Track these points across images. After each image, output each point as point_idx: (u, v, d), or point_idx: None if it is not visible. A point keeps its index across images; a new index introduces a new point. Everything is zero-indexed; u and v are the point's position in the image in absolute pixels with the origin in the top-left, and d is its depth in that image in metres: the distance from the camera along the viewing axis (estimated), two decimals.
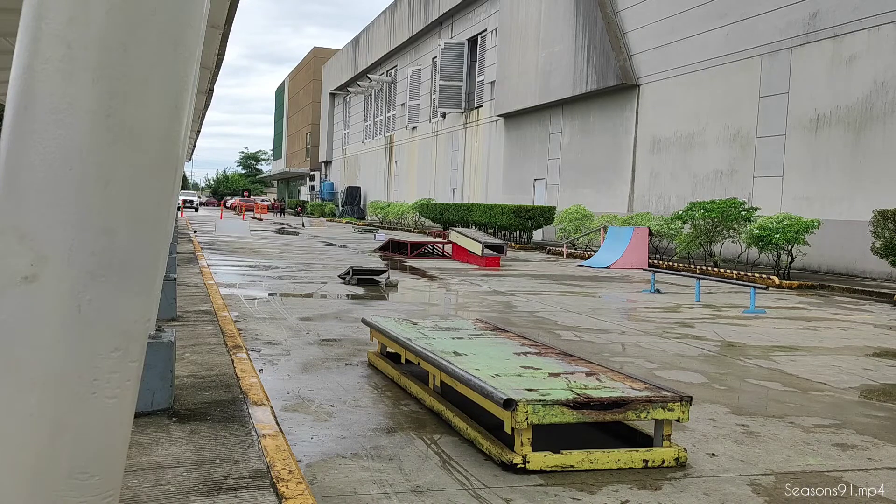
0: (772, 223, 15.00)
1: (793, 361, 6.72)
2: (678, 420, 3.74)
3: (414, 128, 44.90)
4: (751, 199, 18.63)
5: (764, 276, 14.81)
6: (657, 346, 7.24)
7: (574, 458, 3.59)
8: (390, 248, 20.53)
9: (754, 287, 10.36)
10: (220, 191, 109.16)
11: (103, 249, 1.36)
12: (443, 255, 19.47)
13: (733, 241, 16.73)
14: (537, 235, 28.08)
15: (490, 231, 26.81)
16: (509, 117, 32.08)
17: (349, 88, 58.93)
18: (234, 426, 3.83)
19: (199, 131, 21.74)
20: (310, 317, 8.27)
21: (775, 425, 4.57)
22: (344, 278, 12.25)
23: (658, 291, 12.45)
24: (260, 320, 7.90)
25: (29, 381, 1.36)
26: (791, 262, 15.03)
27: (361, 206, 54.80)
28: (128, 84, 1.34)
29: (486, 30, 35.53)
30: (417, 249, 19.65)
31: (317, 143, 72.94)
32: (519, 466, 3.52)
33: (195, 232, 25.75)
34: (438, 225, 33.43)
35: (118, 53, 1.32)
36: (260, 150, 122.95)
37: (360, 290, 11.07)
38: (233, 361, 5.32)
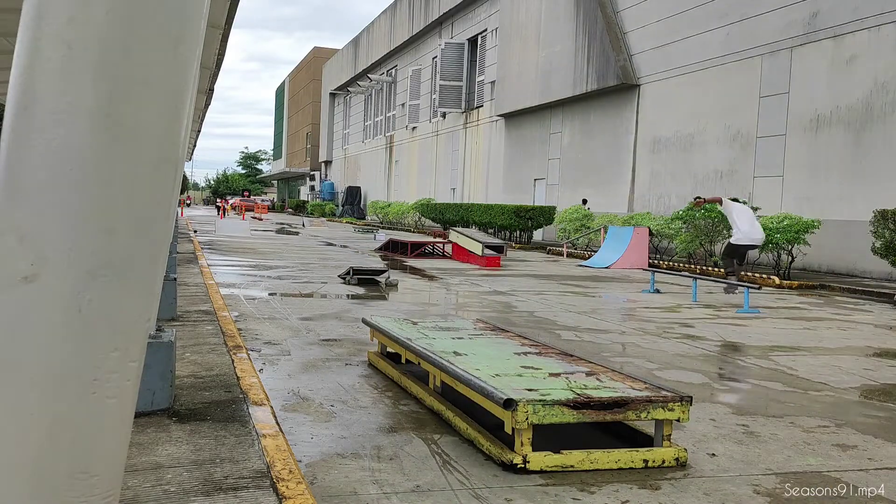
0: (772, 223, 15.00)
1: (793, 361, 6.72)
2: (678, 420, 3.74)
3: (414, 128, 44.90)
4: (751, 199, 18.62)
5: (764, 275, 14.81)
6: (657, 346, 7.24)
7: (574, 458, 3.59)
8: (390, 248, 20.53)
9: (747, 287, 10.37)
10: (220, 191, 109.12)
11: (103, 249, 1.36)
12: (443, 255, 19.47)
13: None
14: (537, 235, 28.08)
15: (490, 231, 26.81)
16: (509, 117, 32.08)
17: (349, 88, 58.92)
18: (234, 426, 3.83)
19: (199, 131, 21.75)
20: (310, 317, 8.27)
21: (775, 425, 4.57)
22: (344, 278, 12.25)
23: (658, 291, 12.44)
24: (260, 320, 7.90)
25: (29, 381, 1.36)
26: (791, 262, 15.03)
27: (361, 206, 54.78)
28: (128, 84, 1.34)
29: (486, 30, 35.53)
30: (417, 249, 19.65)
31: (317, 142, 72.93)
32: (519, 466, 3.52)
33: (195, 232, 25.75)
34: (438, 225, 33.42)
35: (118, 53, 1.32)
36: (260, 150, 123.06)
37: (360, 290, 11.07)
38: (233, 361, 5.32)
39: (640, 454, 3.68)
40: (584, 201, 25.31)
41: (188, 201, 59.44)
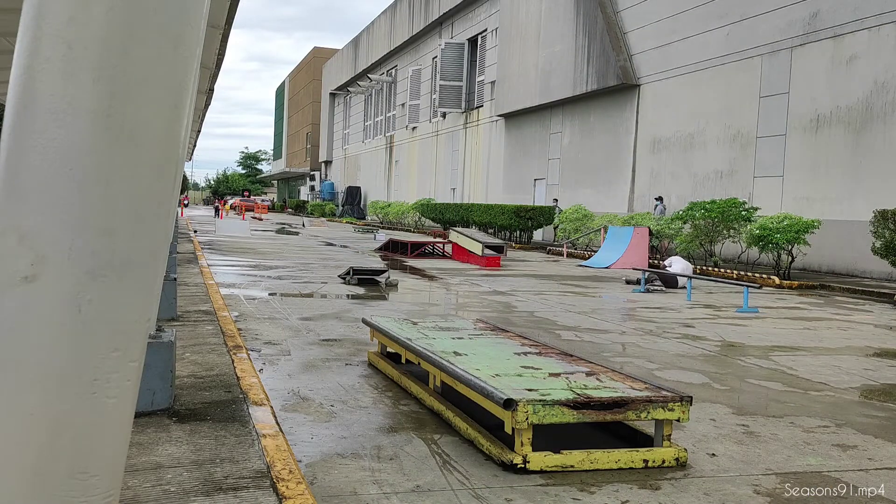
0: (772, 223, 15.00)
1: (793, 361, 6.72)
2: (678, 420, 3.74)
3: (414, 128, 44.90)
4: (751, 199, 18.62)
5: (764, 276, 14.81)
6: (657, 346, 7.24)
7: (574, 458, 3.59)
8: (390, 248, 20.53)
9: (747, 286, 10.38)
10: (220, 191, 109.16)
11: (103, 249, 1.36)
12: (443, 255, 19.47)
13: (734, 241, 16.73)
14: (537, 235, 28.08)
15: (490, 231, 26.81)
16: (509, 117, 32.08)
17: (349, 88, 58.92)
18: (234, 426, 3.83)
19: (199, 131, 21.74)
20: (310, 317, 8.27)
21: (775, 425, 4.57)
22: (344, 278, 12.25)
23: (649, 290, 12.44)
24: (260, 320, 7.90)
25: (29, 381, 1.36)
26: (791, 262, 15.03)
27: (361, 206, 54.79)
28: (128, 84, 1.34)
29: (486, 30, 35.53)
30: (418, 249, 19.65)
31: (317, 143, 72.94)
32: (519, 466, 3.52)
33: (195, 232, 25.75)
34: (439, 225, 33.42)
35: (118, 53, 1.32)
36: (260, 150, 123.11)
37: (360, 290, 11.07)
38: (233, 361, 5.32)
39: (640, 454, 3.68)
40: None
41: (185, 201, 59.35)
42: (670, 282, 12.98)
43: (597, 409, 3.64)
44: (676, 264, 13.60)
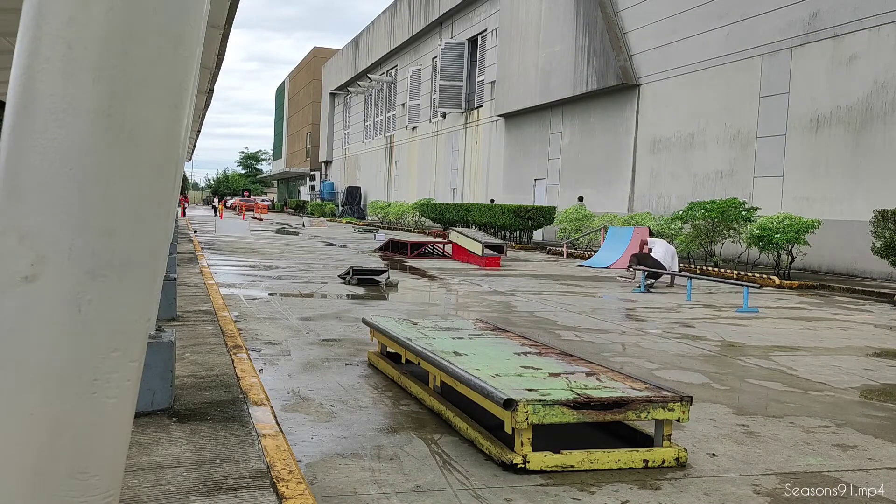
0: (772, 223, 15.00)
1: (793, 361, 6.72)
2: (678, 420, 3.74)
3: (414, 128, 44.90)
4: (751, 199, 18.62)
5: (764, 276, 14.81)
6: (657, 346, 7.24)
7: (574, 458, 3.59)
8: (390, 248, 20.53)
9: (747, 286, 10.38)
10: (220, 191, 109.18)
11: (103, 249, 1.36)
12: (443, 255, 19.47)
13: (734, 241, 16.73)
14: (537, 235, 28.08)
15: (490, 231, 26.80)
16: (509, 117, 32.07)
17: (349, 88, 58.93)
18: (234, 426, 3.83)
19: (199, 131, 21.74)
20: (310, 317, 8.27)
21: (775, 425, 4.57)
22: (344, 278, 12.25)
23: (649, 290, 12.44)
24: (260, 320, 7.90)
25: (29, 381, 1.36)
26: (791, 262, 15.03)
27: (361, 206, 54.79)
28: (128, 84, 1.33)
29: (486, 30, 35.53)
30: (418, 249, 19.65)
31: (317, 143, 72.93)
32: (519, 466, 3.52)
33: (195, 232, 25.75)
34: (439, 225, 33.42)
35: (118, 53, 1.32)
36: (260, 150, 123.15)
37: (360, 290, 11.07)
38: (233, 361, 5.32)
39: (640, 454, 3.68)
40: (581, 199, 25.98)
41: (185, 203, 58.96)
42: (657, 270, 12.97)
43: (597, 409, 3.64)
44: (658, 247, 13.53)
